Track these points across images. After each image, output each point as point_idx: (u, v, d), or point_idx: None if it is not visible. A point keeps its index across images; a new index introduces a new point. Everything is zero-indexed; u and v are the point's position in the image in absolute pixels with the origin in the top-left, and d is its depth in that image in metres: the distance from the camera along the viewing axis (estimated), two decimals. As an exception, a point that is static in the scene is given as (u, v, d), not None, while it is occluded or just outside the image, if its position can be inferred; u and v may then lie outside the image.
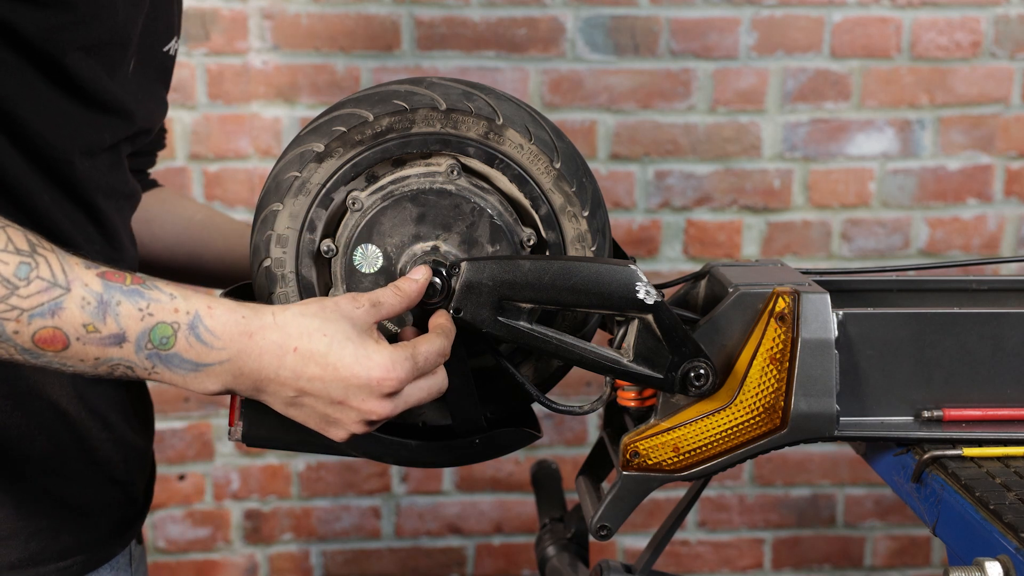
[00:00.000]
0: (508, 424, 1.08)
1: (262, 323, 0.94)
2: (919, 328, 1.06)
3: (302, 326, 0.94)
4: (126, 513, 1.19)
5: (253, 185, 2.24)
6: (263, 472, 2.36)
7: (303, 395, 0.95)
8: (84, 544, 1.13)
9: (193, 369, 0.93)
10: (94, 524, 1.14)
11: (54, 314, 0.88)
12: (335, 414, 0.95)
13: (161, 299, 0.92)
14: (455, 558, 2.44)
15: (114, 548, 1.17)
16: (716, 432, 1.04)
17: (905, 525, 2.48)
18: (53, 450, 1.10)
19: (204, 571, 2.39)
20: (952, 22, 2.29)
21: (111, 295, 0.90)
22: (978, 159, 2.36)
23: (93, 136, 1.08)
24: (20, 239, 0.89)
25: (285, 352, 0.93)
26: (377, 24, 2.20)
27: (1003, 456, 1.03)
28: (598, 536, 1.08)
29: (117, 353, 0.91)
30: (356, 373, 0.93)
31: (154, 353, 0.91)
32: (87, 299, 0.89)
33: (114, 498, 1.17)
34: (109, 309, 0.90)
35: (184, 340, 0.92)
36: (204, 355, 0.92)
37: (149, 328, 0.91)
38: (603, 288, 0.99)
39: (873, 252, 2.37)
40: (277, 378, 0.94)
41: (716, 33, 2.26)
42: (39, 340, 0.89)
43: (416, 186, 1.04)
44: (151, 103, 1.19)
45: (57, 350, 0.89)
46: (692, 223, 2.34)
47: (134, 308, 0.91)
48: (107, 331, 0.90)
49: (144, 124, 1.16)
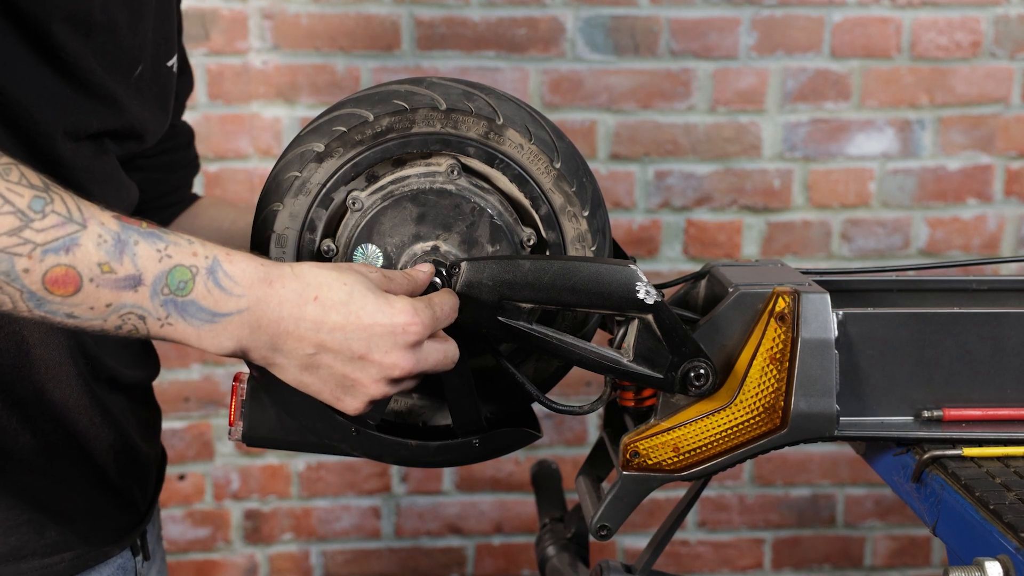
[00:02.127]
0: (508, 424, 1.08)
1: (281, 272, 0.90)
2: (919, 328, 1.06)
3: (320, 276, 0.91)
4: (122, 518, 1.16)
5: (253, 185, 2.24)
6: (263, 472, 2.36)
7: (322, 351, 0.91)
8: (72, 543, 1.09)
9: (209, 320, 0.88)
10: (84, 525, 1.11)
11: (68, 250, 0.84)
12: (354, 373, 0.92)
13: (179, 242, 0.88)
14: (455, 558, 2.44)
15: (107, 551, 1.13)
16: (716, 432, 1.04)
17: (905, 525, 2.48)
18: (40, 448, 1.07)
19: (204, 571, 2.39)
20: (952, 22, 2.29)
21: (128, 235, 0.86)
22: (978, 159, 2.36)
23: (78, 119, 1.04)
24: (33, 176, 0.85)
25: (305, 301, 0.90)
26: (377, 24, 2.20)
27: (1003, 456, 1.03)
28: (598, 536, 1.08)
29: (131, 298, 0.86)
30: (379, 320, 0.90)
31: (170, 300, 0.87)
32: (104, 237, 0.85)
33: (108, 501, 1.14)
34: (126, 248, 0.85)
35: (202, 285, 0.87)
36: (222, 303, 0.88)
37: (167, 271, 0.86)
38: (603, 288, 0.99)
39: (873, 252, 2.37)
40: (296, 331, 0.90)
41: (716, 33, 2.26)
42: (50, 280, 0.84)
43: (416, 186, 1.04)
44: (145, 109, 1.15)
45: (67, 294, 0.84)
46: (692, 223, 2.34)
47: (152, 249, 0.86)
48: (123, 272, 0.85)
49: (136, 124, 1.13)
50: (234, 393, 1.06)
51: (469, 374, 1.04)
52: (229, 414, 1.06)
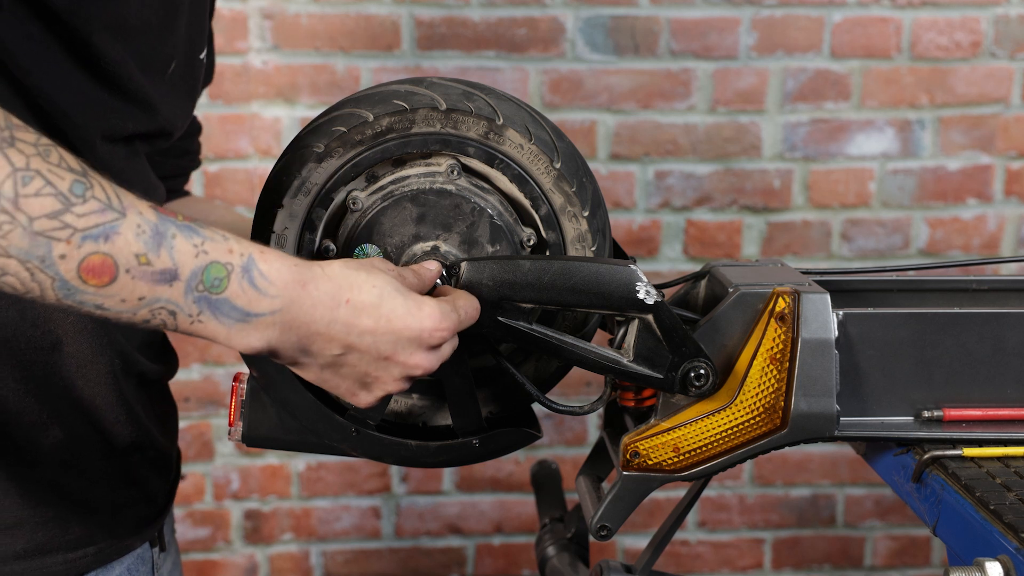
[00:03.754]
0: (508, 424, 1.08)
1: (314, 274, 0.89)
2: (919, 328, 1.06)
3: (351, 278, 0.90)
4: (142, 511, 1.17)
5: (253, 185, 2.24)
6: (263, 472, 2.36)
7: (349, 351, 0.90)
8: (95, 537, 1.10)
9: (241, 319, 0.86)
10: (107, 519, 1.12)
11: (108, 238, 0.81)
12: (377, 372, 0.92)
13: (215, 238, 0.86)
14: (455, 558, 2.44)
15: (129, 544, 1.14)
16: (716, 432, 1.04)
17: (905, 525, 2.48)
18: (68, 441, 1.07)
19: (204, 571, 2.39)
20: (952, 22, 2.29)
21: (166, 227, 0.83)
22: (978, 159, 2.36)
23: (115, 122, 1.04)
24: (72, 159, 0.82)
25: (338, 304, 0.89)
26: (377, 24, 2.20)
27: (1003, 456, 1.03)
28: (598, 536, 1.08)
29: (166, 293, 0.83)
30: (409, 324, 0.90)
31: (203, 297, 0.84)
32: (142, 227, 0.82)
33: (130, 495, 1.15)
34: (164, 240, 0.83)
35: (237, 284, 0.85)
36: (256, 303, 0.86)
37: (203, 267, 0.84)
38: (603, 288, 0.99)
39: (873, 252, 2.37)
40: (327, 332, 0.89)
41: (716, 33, 2.26)
42: (86, 269, 0.81)
43: (416, 186, 1.04)
44: (176, 106, 1.15)
45: (102, 284, 0.81)
46: (692, 223, 2.34)
47: (189, 244, 0.84)
48: (160, 265, 0.82)
49: (165, 124, 1.13)
50: (234, 393, 1.06)
51: (469, 374, 1.04)
52: (229, 414, 1.06)
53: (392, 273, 0.94)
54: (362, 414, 1.04)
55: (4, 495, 1.05)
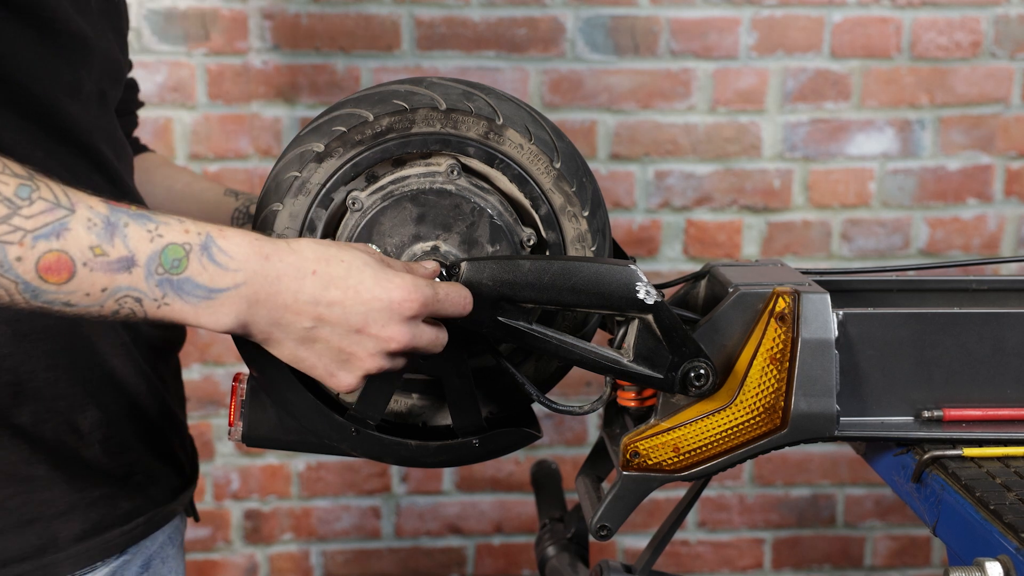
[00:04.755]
0: (508, 424, 1.08)
1: (276, 247, 0.91)
2: (919, 328, 1.06)
3: (318, 251, 0.91)
4: (175, 480, 1.20)
5: (253, 185, 2.24)
6: (263, 472, 2.36)
7: (320, 324, 0.91)
8: (142, 508, 1.14)
9: (206, 296, 0.88)
10: (149, 490, 1.15)
11: (59, 235, 0.84)
12: (351, 347, 0.92)
13: (170, 222, 0.88)
14: (455, 558, 2.44)
15: (172, 511, 1.18)
16: (716, 432, 1.04)
17: (905, 525, 2.48)
18: (106, 419, 1.10)
19: (204, 571, 2.39)
20: (952, 22, 2.29)
21: (118, 217, 0.86)
22: (978, 159, 2.36)
23: (69, 75, 1.04)
24: (16, 166, 0.85)
25: (303, 275, 0.90)
26: (377, 24, 2.20)
27: (1003, 456, 1.03)
28: (598, 536, 1.08)
29: (126, 280, 0.86)
30: (377, 295, 0.91)
31: (165, 279, 0.87)
32: (93, 220, 0.85)
33: (163, 465, 1.18)
34: (117, 230, 0.85)
35: (197, 262, 0.87)
36: (218, 278, 0.88)
37: (160, 249, 0.86)
38: (603, 288, 0.99)
39: (873, 252, 2.37)
40: (295, 304, 0.90)
41: (716, 33, 2.26)
42: (43, 268, 0.83)
43: (416, 186, 1.04)
44: (111, 41, 1.14)
45: (62, 281, 0.84)
46: (692, 223, 2.34)
47: (143, 230, 0.86)
48: (115, 254, 0.85)
49: (109, 61, 1.12)
50: (234, 393, 1.06)
51: (469, 374, 1.04)
52: (229, 414, 1.06)
53: (373, 253, 0.94)
54: (362, 414, 1.04)
55: (53, 485, 1.07)
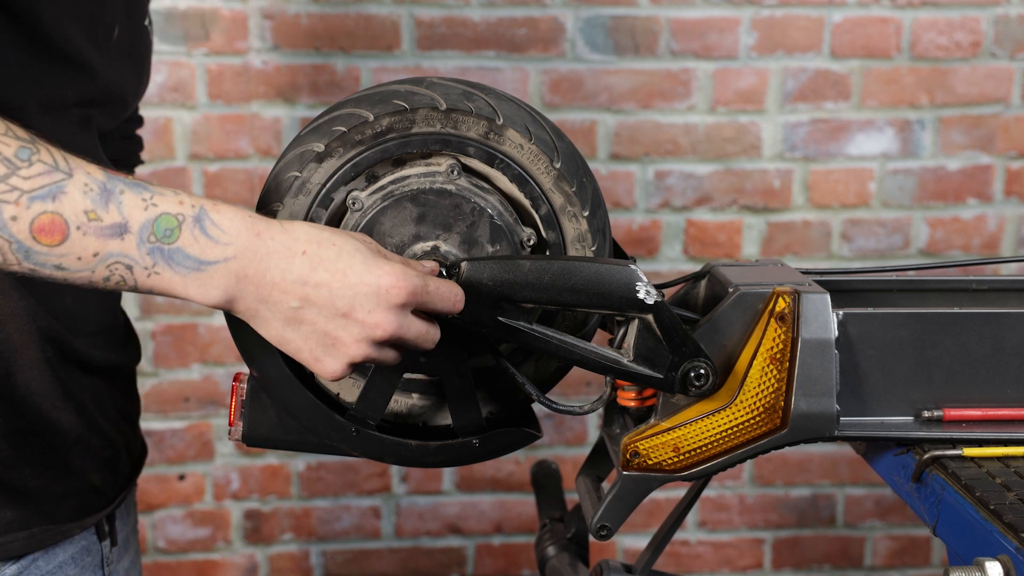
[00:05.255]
0: (508, 424, 1.08)
1: (269, 225, 0.91)
2: (919, 328, 1.06)
3: (311, 233, 0.92)
4: (86, 500, 1.16)
5: (253, 185, 2.24)
6: (263, 472, 2.36)
7: (306, 305, 0.91)
8: (29, 522, 1.10)
9: (195, 268, 0.89)
10: (44, 506, 1.11)
11: (55, 198, 0.85)
12: (336, 331, 0.92)
13: (165, 193, 0.89)
14: (455, 558, 2.44)
15: (66, 531, 1.13)
16: (716, 432, 1.04)
17: (905, 525, 2.48)
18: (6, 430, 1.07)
19: (204, 571, 2.39)
20: (952, 22, 2.29)
21: (114, 184, 0.87)
22: (978, 159, 2.36)
23: (52, 90, 1.05)
24: (19, 130, 0.87)
25: (293, 255, 0.91)
26: (377, 24, 2.20)
27: (1003, 456, 1.03)
28: (598, 536, 1.08)
29: (118, 247, 0.87)
30: (364, 280, 0.91)
31: (156, 248, 0.88)
32: (89, 185, 0.86)
33: (72, 484, 1.14)
34: (112, 197, 0.87)
35: (189, 233, 0.88)
36: (209, 251, 0.89)
37: (153, 218, 0.88)
38: (603, 288, 0.99)
39: (873, 252, 2.37)
40: (282, 282, 0.90)
41: (716, 33, 2.26)
42: (37, 228, 0.85)
43: (416, 186, 1.04)
44: (125, 72, 1.15)
45: (55, 243, 0.86)
46: (692, 223, 2.34)
47: (138, 198, 0.87)
48: (109, 219, 0.86)
49: (112, 88, 1.13)
50: (234, 393, 1.06)
51: (469, 374, 1.04)
52: (229, 414, 1.06)
53: (368, 242, 0.94)
54: (362, 414, 1.04)
55: None
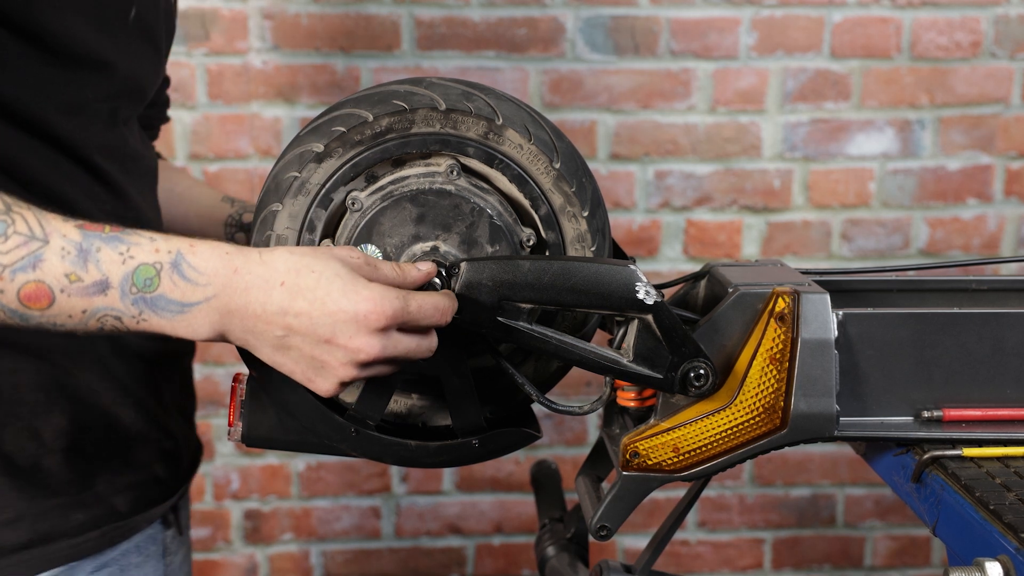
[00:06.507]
0: (508, 424, 1.08)
1: (247, 259, 0.93)
2: (919, 328, 1.06)
3: (289, 263, 0.93)
4: (150, 493, 1.18)
5: (253, 185, 2.24)
6: (263, 472, 2.36)
7: (290, 333, 0.93)
8: (99, 521, 1.12)
9: (180, 311, 0.92)
10: (111, 502, 1.14)
11: (35, 267, 0.88)
12: (322, 355, 0.93)
13: (141, 242, 0.91)
14: (455, 558, 2.44)
15: (134, 525, 1.16)
16: (716, 432, 1.04)
17: (905, 525, 2.48)
18: (69, 428, 1.10)
19: (204, 571, 2.39)
20: (952, 22, 2.29)
21: (90, 243, 0.90)
22: (978, 159, 2.36)
23: (70, 93, 1.06)
24: None
25: (272, 287, 0.92)
26: (377, 24, 2.20)
27: (1003, 456, 1.03)
28: (598, 536, 1.08)
29: (103, 302, 0.90)
30: (343, 307, 0.92)
31: (139, 297, 0.91)
32: (66, 248, 0.89)
33: (135, 478, 1.16)
34: (90, 256, 0.89)
35: (168, 279, 0.91)
36: (189, 293, 0.91)
37: (131, 271, 0.90)
38: (603, 288, 0.99)
39: (873, 252, 2.37)
40: (264, 314, 0.92)
41: (716, 33, 2.26)
42: (24, 297, 0.88)
43: (416, 186, 1.04)
44: (143, 58, 1.15)
45: (44, 307, 0.89)
46: (692, 223, 2.34)
47: (114, 253, 0.90)
48: (90, 279, 0.89)
49: (130, 82, 1.13)
50: (234, 393, 1.06)
51: (469, 374, 1.04)
52: (229, 414, 1.06)
53: (353, 259, 0.95)
54: (362, 414, 1.04)
55: (6, 490, 1.07)
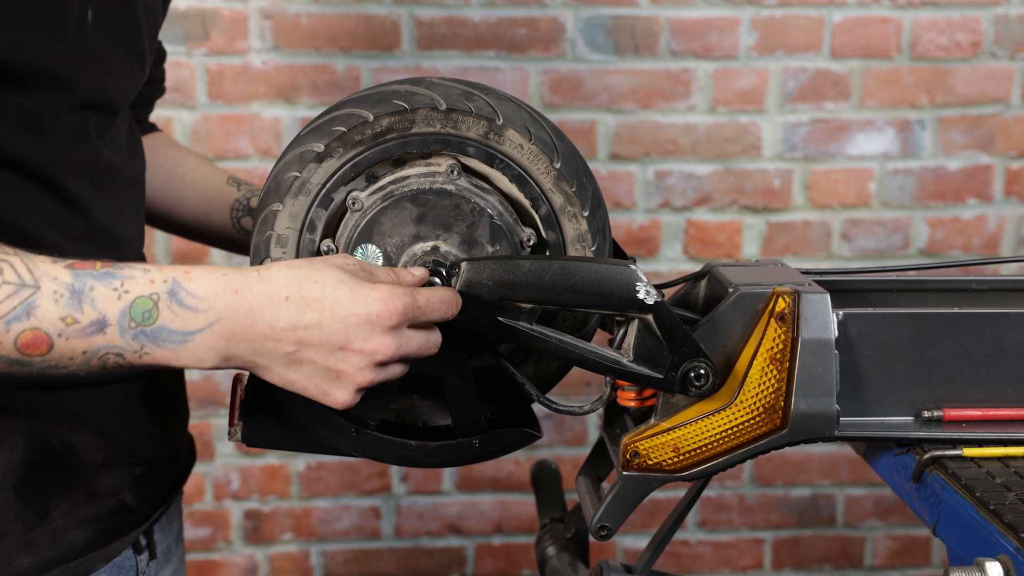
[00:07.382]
0: (508, 424, 1.08)
1: (247, 278, 0.90)
2: (919, 328, 1.06)
3: (290, 276, 0.91)
4: (115, 523, 1.11)
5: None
6: (263, 472, 2.36)
7: (302, 347, 0.90)
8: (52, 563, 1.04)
9: (182, 340, 0.88)
10: (70, 538, 1.06)
11: (30, 315, 0.85)
12: (338, 364, 0.91)
13: (135, 275, 0.88)
14: (455, 558, 2.44)
15: (89, 565, 1.08)
16: (716, 432, 1.04)
17: (905, 525, 2.48)
18: (19, 461, 1.03)
19: (204, 571, 2.39)
20: (952, 22, 2.29)
21: (82, 282, 0.87)
22: (978, 159, 2.36)
23: (25, 112, 0.98)
24: None
25: (277, 303, 0.90)
26: (377, 24, 2.20)
27: (1003, 456, 1.02)
28: (598, 536, 1.08)
29: (102, 341, 0.87)
30: (354, 311, 0.90)
31: (139, 331, 0.87)
32: (59, 291, 0.86)
33: (97, 508, 1.09)
34: (83, 296, 0.86)
35: (167, 309, 0.88)
36: (190, 321, 0.88)
37: (128, 305, 0.87)
38: (603, 288, 0.99)
39: (873, 252, 2.37)
40: (272, 332, 0.89)
41: (716, 33, 2.26)
42: (22, 346, 0.86)
43: (416, 186, 1.04)
44: (105, 64, 1.05)
45: (43, 353, 0.86)
46: (692, 223, 2.34)
47: (108, 289, 0.87)
48: (86, 319, 0.86)
49: (97, 91, 1.04)
50: (234, 394, 1.06)
51: (469, 374, 1.04)
52: (229, 414, 1.06)
53: (349, 266, 0.93)
54: (362, 414, 1.04)
55: None
